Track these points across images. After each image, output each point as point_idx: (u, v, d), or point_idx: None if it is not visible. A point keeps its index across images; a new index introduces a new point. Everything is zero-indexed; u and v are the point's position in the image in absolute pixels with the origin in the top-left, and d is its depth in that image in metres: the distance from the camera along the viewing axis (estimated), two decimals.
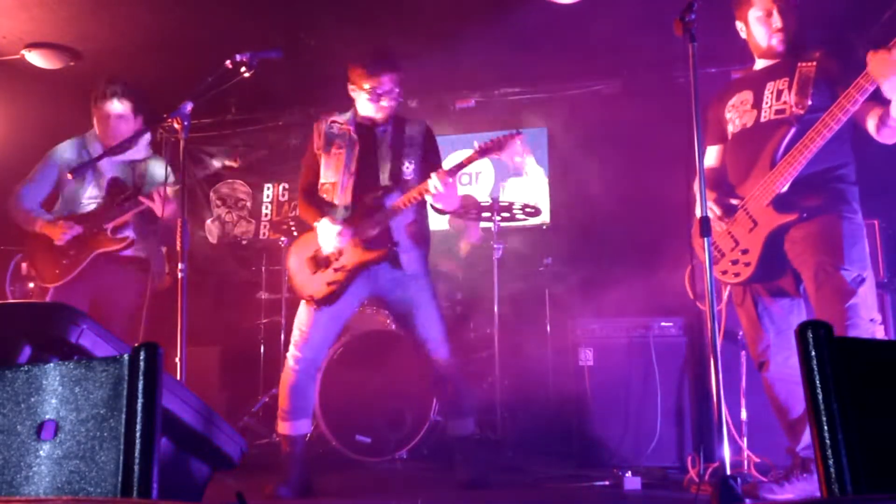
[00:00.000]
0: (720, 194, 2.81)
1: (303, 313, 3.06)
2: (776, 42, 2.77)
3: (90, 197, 3.41)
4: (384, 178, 3.05)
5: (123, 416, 0.97)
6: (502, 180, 5.82)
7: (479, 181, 5.88)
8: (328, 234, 2.99)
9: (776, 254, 2.67)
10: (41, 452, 1.01)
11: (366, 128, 3.14)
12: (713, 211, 2.76)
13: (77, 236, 3.34)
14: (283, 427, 3.05)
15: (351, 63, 3.11)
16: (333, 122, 3.18)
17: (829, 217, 2.60)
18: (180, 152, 2.78)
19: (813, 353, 0.92)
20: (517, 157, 2.85)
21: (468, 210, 4.49)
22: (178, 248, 2.69)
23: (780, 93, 2.73)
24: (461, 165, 2.92)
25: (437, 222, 5.73)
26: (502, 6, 4.36)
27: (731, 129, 2.89)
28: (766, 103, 2.76)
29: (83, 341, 1.56)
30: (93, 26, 4.53)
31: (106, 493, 0.95)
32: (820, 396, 0.90)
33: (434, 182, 2.86)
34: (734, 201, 2.76)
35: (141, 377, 0.97)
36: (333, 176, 3.09)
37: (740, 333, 3.27)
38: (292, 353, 3.04)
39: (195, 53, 4.59)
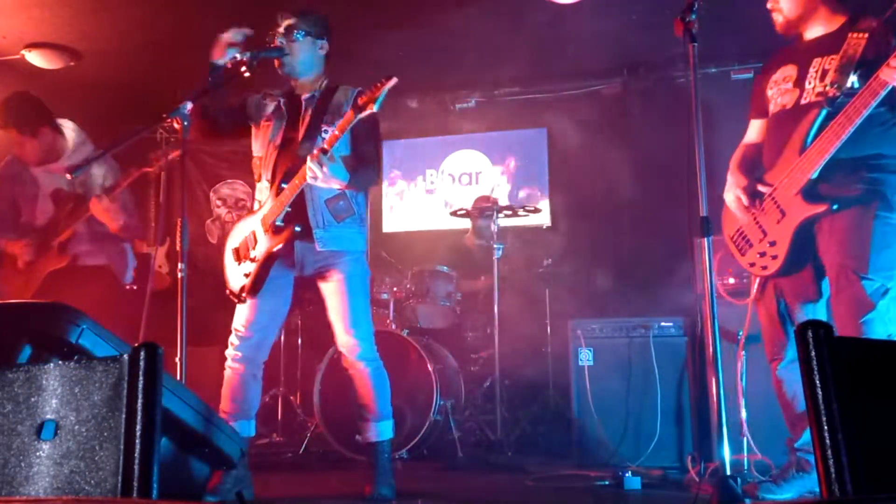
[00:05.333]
0: (751, 181, 2.67)
1: (238, 312, 2.86)
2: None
3: (42, 212, 3.39)
4: (302, 151, 2.78)
5: (123, 416, 0.97)
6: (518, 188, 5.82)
7: (479, 181, 5.88)
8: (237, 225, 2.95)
9: (805, 246, 2.52)
10: (41, 452, 1.01)
11: (294, 98, 2.92)
12: (741, 199, 2.65)
13: (31, 257, 3.32)
14: None
15: None
16: (267, 93, 2.99)
17: (860, 213, 2.42)
18: (180, 153, 2.78)
19: (813, 353, 0.92)
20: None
21: (481, 210, 4.49)
22: (178, 248, 2.68)
23: (824, 73, 2.49)
24: (335, 137, 2.63)
25: (438, 222, 5.74)
26: (503, 6, 4.36)
27: (771, 107, 2.70)
28: (810, 83, 2.53)
29: (83, 341, 1.55)
30: (93, 26, 4.53)
31: (106, 493, 0.95)
32: (820, 396, 0.90)
33: (309, 165, 2.59)
34: (762, 188, 2.61)
35: (141, 377, 0.97)
36: (261, 150, 2.93)
37: (740, 333, 3.27)
38: (230, 352, 2.82)
39: (195, 53, 4.59)
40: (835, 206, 2.42)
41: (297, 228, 2.76)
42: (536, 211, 4.51)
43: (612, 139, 5.16)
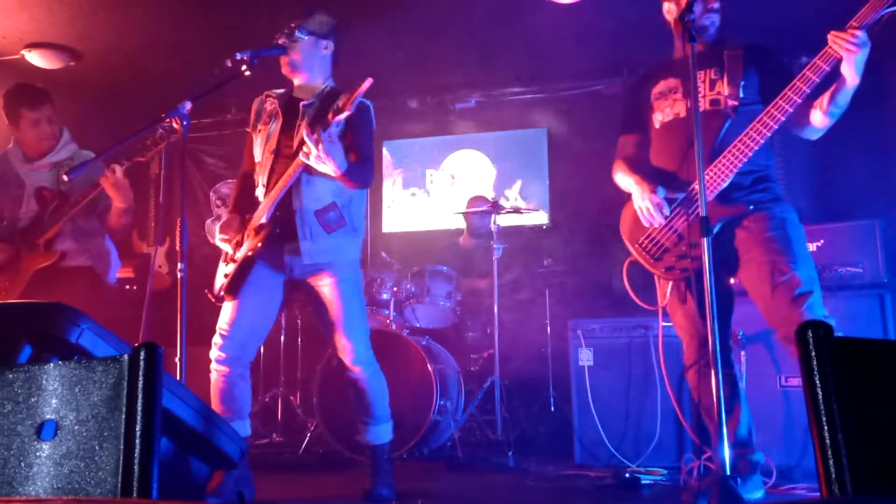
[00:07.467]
0: (658, 187, 2.70)
1: (223, 311, 2.84)
2: (709, 23, 2.68)
3: (26, 212, 3.34)
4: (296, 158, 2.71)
5: (123, 416, 0.97)
6: (507, 185, 5.82)
7: (479, 181, 5.88)
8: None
9: (723, 247, 2.59)
10: (41, 452, 1.01)
11: (293, 102, 2.88)
12: (658, 206, 2.67)
13: (13, 257, 3.28)
14: None
15: None
16: (268, 96, 2.96)
17: (773, 216, 2.57)
18: (179, 152, 2.77)
19: (813, 353, 0.92)
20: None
21: (476, 209, 4.48)
22: (178, 248, 2.68)
23: (713, 82, 2.66)
24: (327, 122, 2.55)
25: (438, 222, 5.74)
26: (503, 6, 4.36)
27: (659, 117, 2.80)
28: (700, 92, 2.66)
29: (83, 341, 1.55)
30: (93, 26, 4.53)
31: (106, 493, 0.95)
32: (820, 396, 0.90)
33: (305, 139, 2.54)
34: (674, 195, 2.67)
35: (141, 377, 0.97)
36: (259, 155, 2.90)
37: (741, 333, 3.27)
38: (214, 354, 2.78)
39: (195, 53, 4.59)
40: (751, 207, 2.56)
41: (277, 230, 2.74)
42: (536, 211, 4.50)
43: (612, 139, 5.14)
